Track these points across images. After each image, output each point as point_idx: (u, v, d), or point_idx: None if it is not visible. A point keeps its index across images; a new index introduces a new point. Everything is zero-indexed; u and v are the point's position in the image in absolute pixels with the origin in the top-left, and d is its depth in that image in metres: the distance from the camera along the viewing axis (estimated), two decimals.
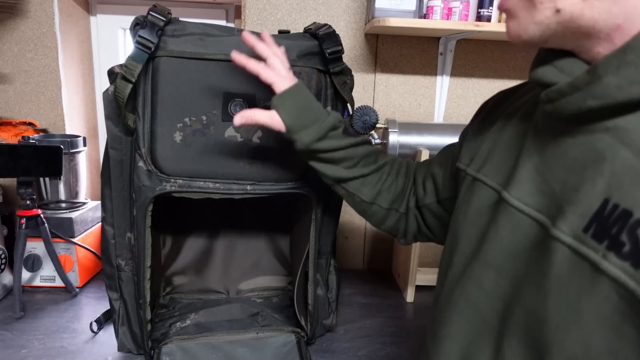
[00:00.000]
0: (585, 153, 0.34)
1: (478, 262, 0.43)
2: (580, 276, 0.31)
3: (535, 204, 0.38)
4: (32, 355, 0.73)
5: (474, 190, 0.48)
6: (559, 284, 0.33)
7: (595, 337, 0.30)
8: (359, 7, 1.05)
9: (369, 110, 1.03)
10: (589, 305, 0.30)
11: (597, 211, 0.31)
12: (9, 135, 1.03)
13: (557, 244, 0.33)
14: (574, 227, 0.32)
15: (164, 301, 0.90)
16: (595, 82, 0.32)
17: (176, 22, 0.69)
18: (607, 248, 0.30)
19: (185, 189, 0.69)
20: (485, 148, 0.49)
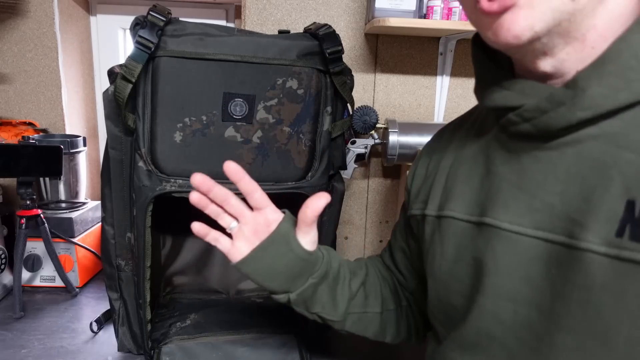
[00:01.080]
0: (579, 163, 0.34)
1: (486, 297, 0.40)
2: (633, 281, 0.31)
3: (531, 223, 0.37)
4: (32, 355, 0.73)
5: (444, 229, 0.46)
6: (611, 294, 0.32)
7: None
8: (359, 7, 1.05)
9: (369, 110, 1.04)
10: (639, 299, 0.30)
11: (625, 214, 0.31)
12: (9, 135, 1.03)
13: (590, 254, 0.32)
14: (604, 235, 0.32)
15: (164, 301, 0.90)
16: (580, 95, 0.33)
17: (176, 22, 0.69)
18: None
19: (185, 189, 0.69)
20: (438, 186, 0.49)
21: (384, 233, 1.18)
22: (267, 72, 0.69)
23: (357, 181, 1.15)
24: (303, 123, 0.72)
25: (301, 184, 0.73)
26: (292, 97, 0.71)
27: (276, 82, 0.70)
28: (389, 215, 1.17)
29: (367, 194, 1.16)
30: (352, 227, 1.17)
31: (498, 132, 0.42)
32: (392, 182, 1.15)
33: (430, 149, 0.56)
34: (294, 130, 0.72)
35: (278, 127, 0.71)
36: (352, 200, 1.16)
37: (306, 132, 0.72)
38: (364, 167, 1.14)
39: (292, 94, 0.70)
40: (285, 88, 0.70)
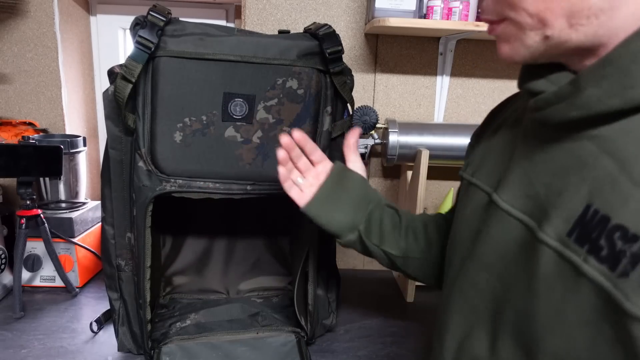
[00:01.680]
0: (569, 159, 0.36)
1: (472, 262, 0.45)
2: (564, 278, 0.33)
3: (521, 207, 0.39)
4: (32, 355, 0.73)
5: (469, 194, 0.50)
6: (546, 285, 0.34)
7: (578, 335, 0.32)
8: (359, 7, 1.05)
9: (369, 110, 1.03)
10: (573, 305, 0.32)
11: (580, 216, 0.33)
12: (9, 135, 1.03)
13: (544, 247, 0.35)
14: (559, 231, 0.34)
15: (164, 301, 0.90)
16: (577, 94, 0.34)
17: (176, 22, 0.69)
18: (587, 252, 0.32)
19: (185, 189, 0.69)
20: (479, 153, 0.52)
21: None
22: (267, 72, 0.69)
23: None
24: (303, 123, 0.72)
25: None
26: (292, 97, 0.71)
27: (276, 82, 0.70)
28: None
29: None
30: None
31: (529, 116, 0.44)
32: (392, 182, 1.15)
33: (489, 116, 0.57)
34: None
35: (278, 127, 0.71)
36: None
37: (306, 132, 0.72)
38: None
39: (292, 94, 0.70)
40: (285, 88, 0.70)
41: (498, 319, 0.40)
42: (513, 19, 0.37)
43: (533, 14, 0.35)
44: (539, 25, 0.35)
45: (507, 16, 0.37)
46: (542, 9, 0.34)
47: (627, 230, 0.29)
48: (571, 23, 0.34)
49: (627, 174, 0.31)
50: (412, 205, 0.97)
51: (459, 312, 0.46)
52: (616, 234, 0.30)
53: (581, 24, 0.33)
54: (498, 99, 1.12)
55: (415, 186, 0.96)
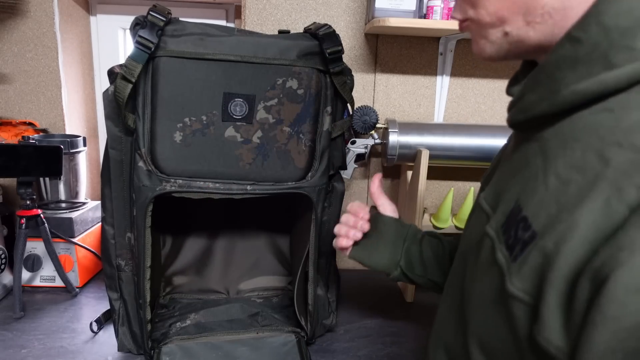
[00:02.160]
0: (521, 160, 0.39)
1: (457, 254, 0.50)
2: (489, 265, 0.37)
3: (489, 202, 0.43)
4: (32, 355, 0.73)
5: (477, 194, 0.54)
6: (481, 270, 0.38)
7: (489, 315, 0.36)
8: (359, 7, 1.05)
9: (369, 110, 1.03)
10: (489, 288, 0.36)
11: (510, 211, 0.36)
12: (9, 135, 1.03)
13: (486, 237, 0.38)
14: (497, 225, 0.37)
15: (164, 301, 0.90)
16: (521, 99, 0.37)
17: (176, 22, 0.69)
18: (504, 241, 0.35)
19: (185, 189, 0.69)
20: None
21: None
22: (267, 72, 0.69)
23: (357, 181, 1.15)
24: (303, 123, 0.72)
25: (301, 184, 0.73)
26: (292, 97, 0.71)
27: (276, 82, 0.70)
28: None
29: (367, 194, 1.16)
30: None
31: None
32: (392, 182, 1.15)
33: None
34: (294, 130, 0.72)
35: (278, 127, 0.71)
36: (352, 200, 1.15)
37: (306, 132, 0.72)
38: (364, 167, 1.14)
39: (292, 94, 0.70)
40: (285, 88, 0.70)
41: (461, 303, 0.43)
42: (474, 18, 0.40)
43: (491, 12, 0.38)
44: (497, 22, 0.38)
45: (469, 16, 0.40)
46: (499, 8, 0.37)
47: (527, 220, 0.33)
48: (527, 21, 0.36)
49: (544, 171, 0.34)
50: (412, 205, 0.97)
51: (443, 300, 0.50)
52: (521, 224, 0.33)
53: (537, 22, 0.36)
54: (498, 99, 1.12)
55: (415, 186, 0.96)
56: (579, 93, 0.32)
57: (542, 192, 0.33)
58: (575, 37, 0.33)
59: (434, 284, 0.68)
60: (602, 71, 0.30)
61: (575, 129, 0.33)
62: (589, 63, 0.31)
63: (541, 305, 0.29)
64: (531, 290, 0.31)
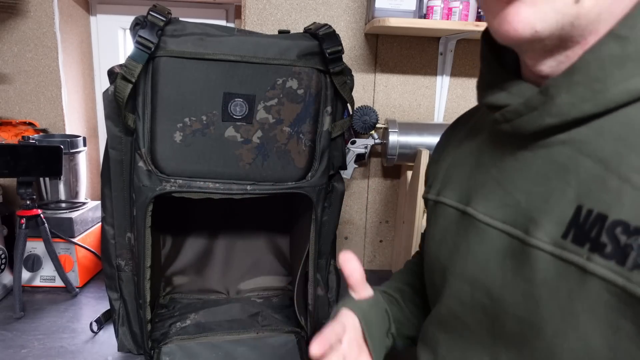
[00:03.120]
0: (547, 165, 0.36)
1: (454, 277, 0.44)
2: (568, 280, 0.33)
3: (501, 217, 0.39)
4: (32, 355, 0.73)
5: (437, 213, 0.49)
6: (548, 290, 0.34)
7: (594, 337, 0.31)
8: (359, 7, 1.05)
9: (369, 110, 1.03)
10: (583, 306, 0.32)
11: (573, 218, 0.33)
12: (9, 135, 1.03)
13: (537, 252, 0.35)
14: (553, 235, 0.34)
15: (164, 301, 0.90)
16: (549, 102, 0.34)
17: (176, 22, 0.69)
18: (589, 250, 0.31)
19: (185, 189, 0.69)
20: (442, 172, 0.52)
21: (384, 233, 1.18)
22: (267, 72, 0.69)
23: (357, 181, 1.15)
24: (303, 123, 0.72)
25: (301, 184, 0.73)
26: (292, 97, 0.71)
27: (276, 82, 0.70)
28: (389, 215, 1.17)
29: (367, 194, 1.16)
30: (352, 227, 1.17)
31: (491, 127, 0.45)
32: (392, 182, 1.15)
33: (446, 135, 0.58)
34: (294, 130, 0.72)
35: (278, 127, 0.71)
36: (352, 200, 1.16)
37: (306, 132, 0.72)
38: (364, 167, 1.14)
39: (292, 94, 0.71)
40: (285, 88, 0.70)
41: (497, 333, 0.39)
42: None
43: None
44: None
45: None
46: None
47: (628, 225, 0.30)
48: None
49: (613, 172, 0.31)
50: (412, 205, 0.97)
51: (454, 331, 0.45)
52: (617, 229, 0.30)
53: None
54: None
55: (415, 186, 0.96)
56: (631, 91, 0.31)
57: (629, 192, 0.30)
58: (622, 35, 0.32)
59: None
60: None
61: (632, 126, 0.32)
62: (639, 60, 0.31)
63: None
64: None
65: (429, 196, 0.53)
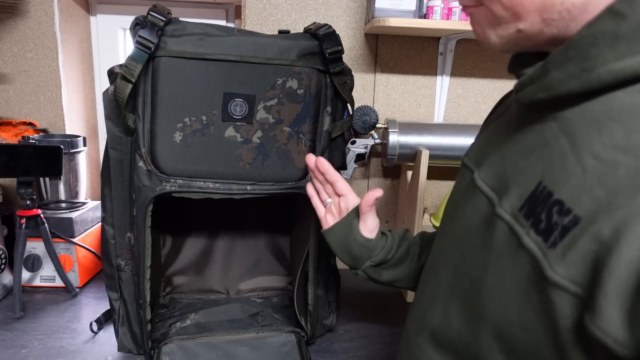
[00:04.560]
0: (535, 140, 0.37)
1: (445, 237, 0.48)
2: (509, 250, 0.35)
3: (490, 183, 0.41)
4: (32, 355, 0.73)
5: (460, 174, 0.52)
6: (497, 256, 0.36)
7: (512, 303, 0.34)
8: (359, 7, 1.05)
9: (369, 110, 1.03)
10: (511, 274, 0.34)
11: (532, 192, 0.35)
12: (9, 135, 1.03)
13: (499, 221, 0.37)
14: (513, 206, 0.36)
15: (164, 301, 0.90)
16: (545, 76, 0.35)
17: (176, 22, 0.69)
18: (530, 225, 0.33)
19: (185, 189, 0.69)
20: (479, 140, 0.54)
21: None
22: (267, 72, 0.69)
23: (357, 181, 1.15)
24: (303, 123, 0.72)
25: (301, 184, 0.73)
26: (292, 97, 0.71)
27: (276, 82, 0.70)
28: (388, 215, 1.17)
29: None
30: None
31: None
32: (392, 182, 1.15)
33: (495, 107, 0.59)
34: (294, 130, 0.72)
35: (278, 127, 0.71)
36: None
37: (306, 132, 0.72)
38: (364, 167, 1.14)
39: (292, 94, 0.71)
40: (285, 88, 0.70)
41: (453, 288, 0.42)
42: (488, 8, 0.37)
43: (507, 7, 0.35)
44: (512, 18, 0.35)
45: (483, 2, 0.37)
46: (515, 4, 0.35)
47: (563, 205, 0.31)
48: (544, 18, 0.34)
49: (576, 152, 0.32)
50: (412, 205, 0.97)
51: (427, 284, 0.49)
52: (554, 207, 0.32)
53: (553, 19, 0.34)
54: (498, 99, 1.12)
55: (415, 186, 0.96)
56: (617, 72, 0.30)
57: (578, 174, 0.31)
58: (619, 11, 0.30)
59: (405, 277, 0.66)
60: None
61: (610, 110, 0.31)
62: (632, 40, 0.29)
63: (597, 294, 0.27)
64: (579, 278, 0.29)
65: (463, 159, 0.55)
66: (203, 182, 0.69)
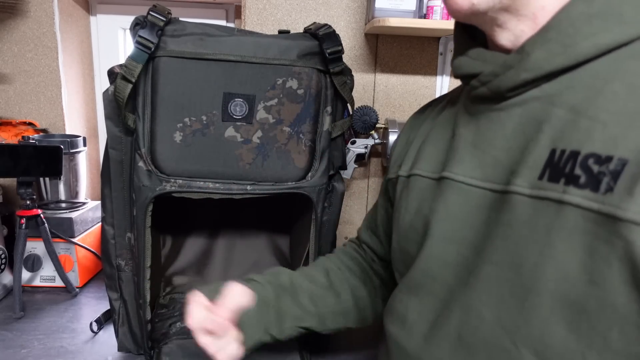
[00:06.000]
0: (523, 121, 0.39)
1: (433, 241, 0.45)
2: (545, 216, 0.35)
3: (481, 176, 0.42)
4: (32, 355, 0.73)
5: (410, 186, 0.52)
6: (528, 228, 0.36)
7: (571, 263, 0.33)
8: (359, 7, 1.05)
9: (369, 110, 1.03)
10: (559, 236, 0.34)
11: (547, 160, 0.36)
12: (9, 135, 1.03)
13: (515, 196, 0.37)
14: (529, 179, 0.37)
15: (164, 301, 0.90)
16: (525, 58, 0.38)
17: (176, 22, 0.69)
18: (565, 184, 0.34)
19: (185, 189, 0.69)
20: (413, 151, 0.55)
21: None
22: (267, 72, 0.69)
23: (357, 181, 1.15)
24: (303, 123, 0.72)
25: (301, 184, 0.73)
26: (292, 97, 0.71)
27: (276, 82, 0.70)
28: None
29: (367, 194, 1.16)
30: (352, 227, 1.17)
31: (465, 99, 0.48)
32: None
33: (413, 120, 0.61)
34: (294, 130, 0.72)
35: (278, 127, 0.71)
36: (352, 200, 1.16)
37: (306, 132, 0.72)
38: (364, 167, 1.14)
39: (292, 94, 0.71)
40: (285, 88, 0.70)
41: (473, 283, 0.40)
42: None
43: None
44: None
45: None
46: None
47: (600, 155, 0.32)
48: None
49: (584, 116, 0.35)
50: None
51: (430, 294, 0.45)
52: (589, 160, 0.33)
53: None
54: None
55: None
56: (599, 45, 0.35)
57: (599, 129, 0.33)
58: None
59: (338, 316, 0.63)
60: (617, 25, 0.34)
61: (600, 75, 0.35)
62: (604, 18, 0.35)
63: None
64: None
65: (399, 173, 0.55)
66: (203, 182, 0.69)
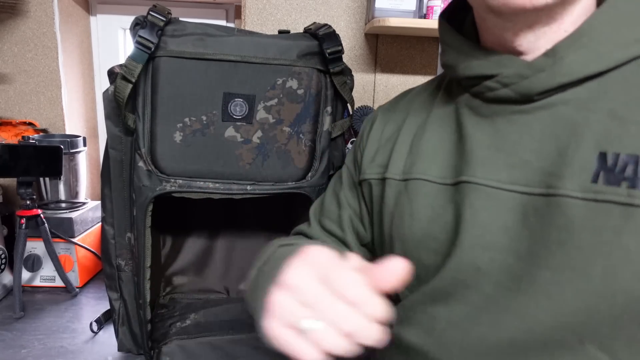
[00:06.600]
0: (553, 124, 0.39)
1: (463, 249, 0.42)
2: (609, 218, 0.35)
3: (507, 178, 0.41)
4: (32, 355, 0.73)
5: (411, 192, 0.48)
6: (590, 232, 0.36)
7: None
8: (359, 7, 1.05)
9: (369, 110, 1.03)
10: (629, 234, 0.34)
11: (599, 164, 0.36)
12: (9, 135, 1.03)
13: (566, 200, 0.37)
14: (580, 183, 0.36)
15: (164, 301, 0.90)
16: (559, 63, 0.38)
17: (176, 22, 0.69)
18: (629, 187, 0.35)
19: (185, 189, 0.69)
20: (401, 150, 0.50)
21: None
22: (267, 72, 0.69)
23: None
24: (303, 123, 0.72)
25: (301, 184, 0.73)
26: (292, 97, 0.71)
27: (276, 82, 0.70)
28: None
29: None
30: None
31: (470, 99, 0.46)
32: None
33: (387, 113, 0.57)
34: (294, 130, 0.72)
35: (278, 127, 0.71)
36: None
37: (306, 132, 0.72)
38: None
39: (292, 94, 0.71)
40: (285, 88, 0.70)
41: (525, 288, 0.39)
42: None
43: None
44: None
45: None
46: None
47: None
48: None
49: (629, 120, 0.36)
50: None
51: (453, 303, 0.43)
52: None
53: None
54: None
55: None
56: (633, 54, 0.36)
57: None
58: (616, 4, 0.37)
59: None
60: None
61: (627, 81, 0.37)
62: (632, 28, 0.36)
63: None
64: None
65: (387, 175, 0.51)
66: (203, 182, 0.69)
